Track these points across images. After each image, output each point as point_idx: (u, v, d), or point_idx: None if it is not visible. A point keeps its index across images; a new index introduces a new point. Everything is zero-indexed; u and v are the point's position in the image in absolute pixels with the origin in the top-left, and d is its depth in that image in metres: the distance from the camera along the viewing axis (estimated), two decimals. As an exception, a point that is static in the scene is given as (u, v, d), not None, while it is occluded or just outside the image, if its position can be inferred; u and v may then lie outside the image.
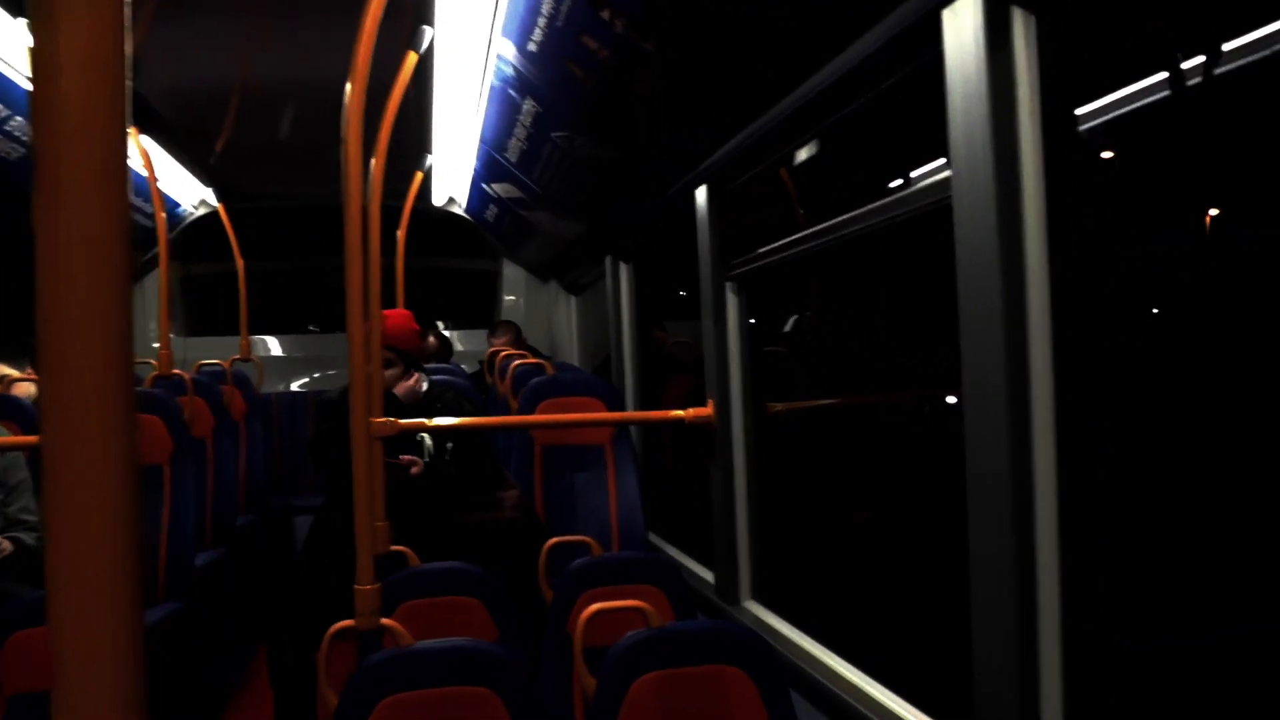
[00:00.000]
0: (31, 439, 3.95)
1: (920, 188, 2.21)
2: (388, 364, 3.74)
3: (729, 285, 3.50)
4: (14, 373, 4.81)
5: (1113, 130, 1.94)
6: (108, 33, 0.62)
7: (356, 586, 2.56)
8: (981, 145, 1.87)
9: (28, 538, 3.80)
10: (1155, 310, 2.11)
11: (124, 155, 0.63)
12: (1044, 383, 1.87)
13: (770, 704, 2.41)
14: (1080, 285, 1.89)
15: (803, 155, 3.03)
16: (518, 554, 3.68)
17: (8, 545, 3.62)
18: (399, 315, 3.95)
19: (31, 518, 3.90)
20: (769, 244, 3.22)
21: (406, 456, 3.62)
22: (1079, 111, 1.93)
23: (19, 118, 3.97)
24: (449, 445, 3.78)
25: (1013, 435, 1.86)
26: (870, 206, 2.46)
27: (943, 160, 2.05)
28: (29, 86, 0.61)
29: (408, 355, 3.83)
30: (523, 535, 3.77)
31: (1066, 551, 1.86)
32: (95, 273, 0.63)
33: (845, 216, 2.60)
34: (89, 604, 0.63)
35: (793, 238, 3.00)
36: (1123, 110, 1.99)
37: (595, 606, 2.49)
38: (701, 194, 3.55)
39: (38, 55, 0.61)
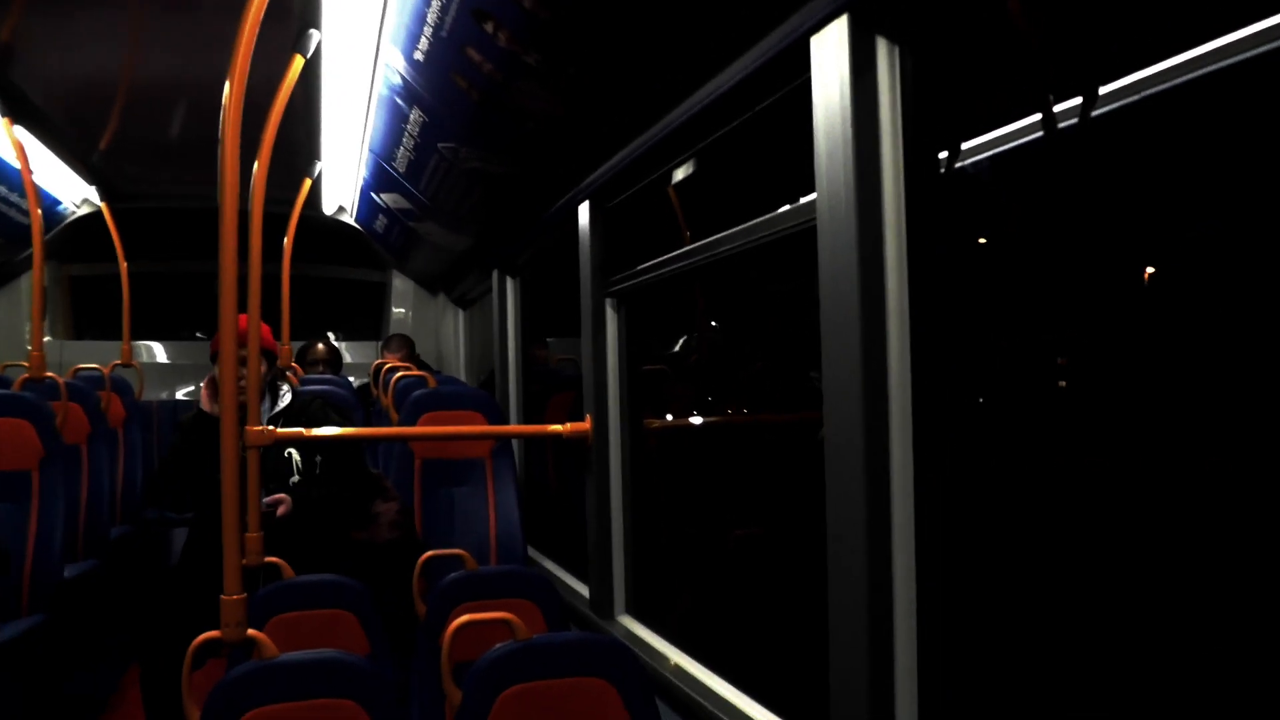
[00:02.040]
0: None
1: (787, 210, 2.27)
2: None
3: (609, 301, 3.54)
4: None
5: (993, 166, 2.02)
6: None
7: (223, 597, 2.52)
8: (843, 169, 1.94)
9: None
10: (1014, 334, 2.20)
11: None
12: (901, 399, 1.93)
13: (636, 715, 2.44)
14: (939, 306, 1.96)
15: (681, 175, 3.08)
16: (396, 569, 3.65)
17: None
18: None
19: None
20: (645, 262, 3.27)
21: (272, 498, 3.56)
22: (965, 146, 2.01)
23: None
24: (317, 459, 3.73)
25: (869, 446, 1.92)
26: (741, 227, 2.52)
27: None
28: None
29: (272, 356, 3.84)
30: (401, 551, 3.75)
31: (923, 562, 1.93)
32: None
33: (718, 236, 2.65)
34: None
35: (668, 255, 3.05)
36: (1000, 149, 2.07)
37: (463, 619, 2.49)
38: (584, 210, 3.59)
39: None
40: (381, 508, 3.83)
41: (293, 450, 3.69)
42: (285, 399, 3.85)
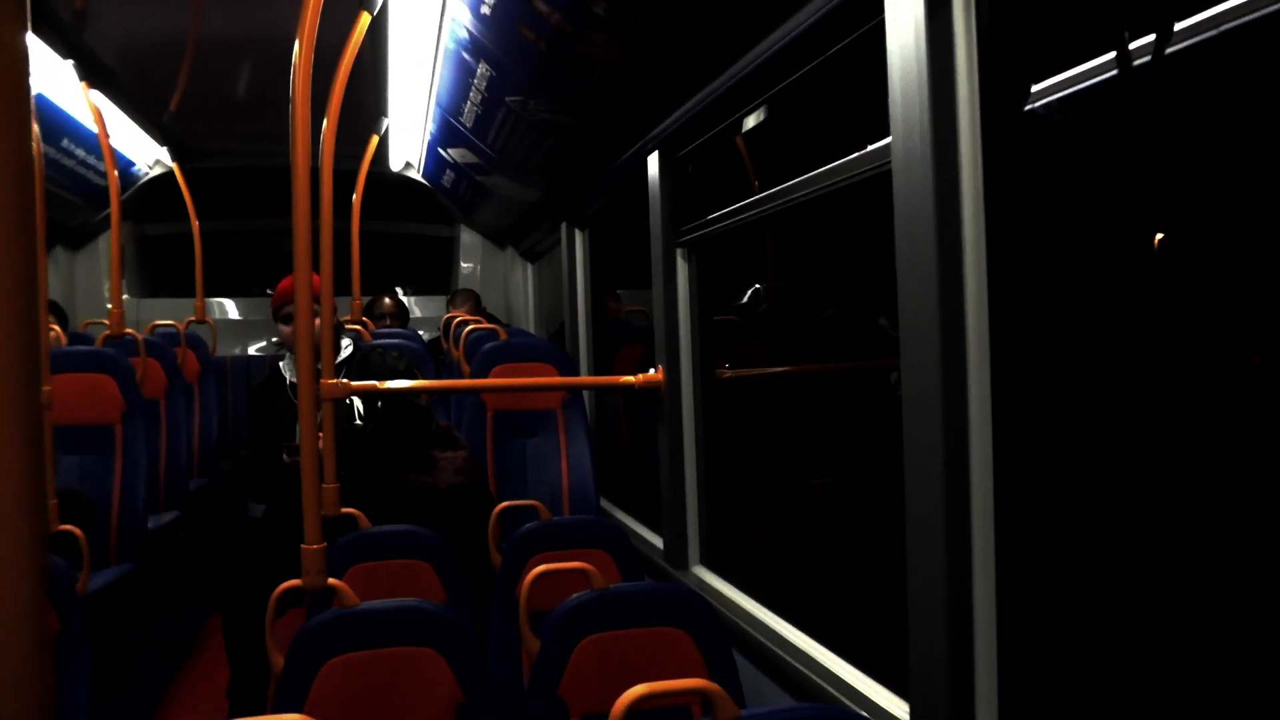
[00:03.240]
0: None
1: (862, 154, 2.23)
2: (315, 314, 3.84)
3: (679, 251, 3.52)
4: None
5: (1065, 108, 1.96)
6: None
7: (304, 546, 2.57)
8: (919, 110, 1.90)
9: None
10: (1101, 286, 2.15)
11: (25, 106, 0.63)
12: (979, 344, 1.90)
13: (713, 665, 2.45)
14: (1016, 250, 1.92)
15: (752, 122, 3.04)
16: (464, 517, 3.69)
17: None
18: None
19: None
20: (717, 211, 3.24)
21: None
22: (1035, 88, 1.95)
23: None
24: (379, 404, 3.79)
25: (946, 403, 1.89)
26: (816, 172, 2.48)
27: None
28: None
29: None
30: (468, 499, 3.78)
31: (1001, 511, 1.90)
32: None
33: (791, 182, 2.61)
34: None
35: (740, 204, 3.01)
36: (1073, 89, 2.02)
37: (540, 569, 2.51)
38: (653, 160, 3.56)
39: None
40: (447, 454, 3.86)
41: (354, 398, 3.73)
42: (346, 351, 3.91)
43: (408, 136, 6.03)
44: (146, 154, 6.53)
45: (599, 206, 4.90)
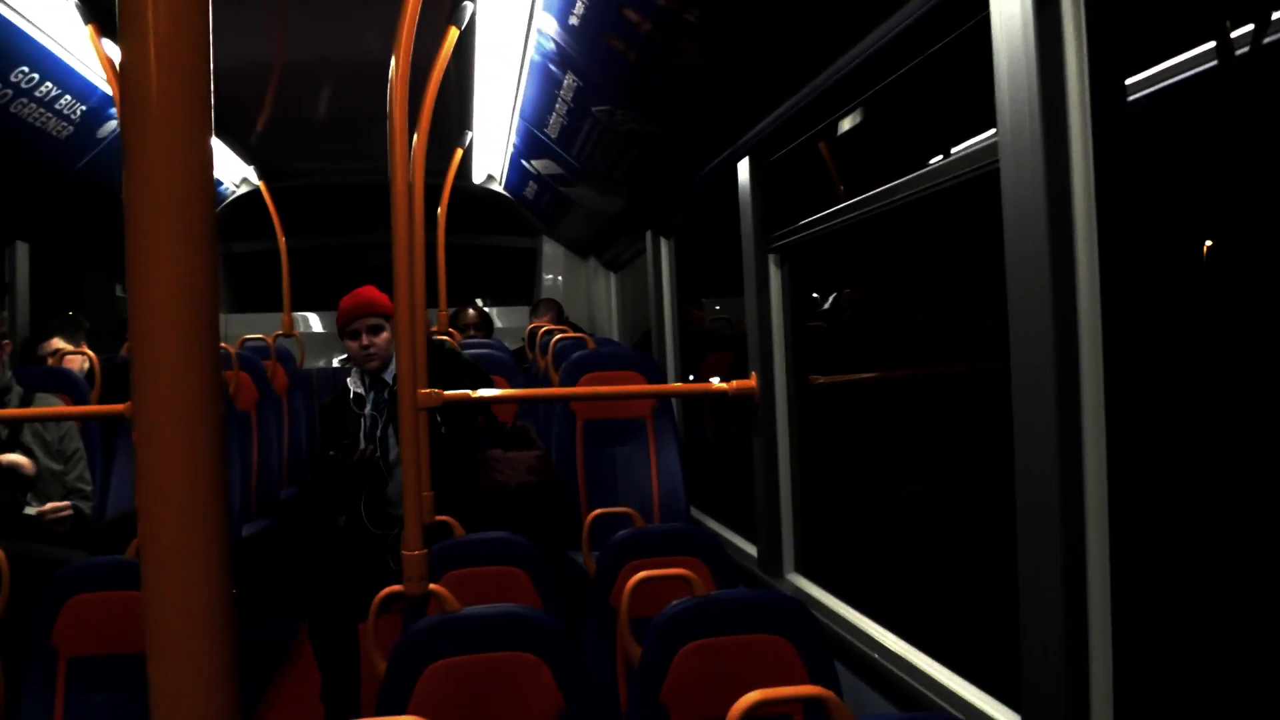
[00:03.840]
0: (85, 409, 4.03)
1: (967, 154, 2.20)
2: (378, 330, 3.92)
3: (772, 257, 3.50)
4: (67, 346, 4.90)
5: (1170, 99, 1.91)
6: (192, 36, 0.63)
7: (405, 552, 2.59)
8: (1028, 107, 1.86)
9: (84, 506, 3.89)
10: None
11: (207, 140, 0.64)
12: (1093, 354, 1.85)
13: (814, 673, 2.42)
14: (1132, 250, 1.87)
15: (847, 125, 3.01)
16: (536, 518, 3.69)
17: (70, 512, 3.71)
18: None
19: (86, 487, 4.00)
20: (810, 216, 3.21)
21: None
22: (1133, 80, 1.90)
23: (68, 95, 4.02)
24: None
25: (1060, 406, 1.85)
26: (917, 173, 2.44)
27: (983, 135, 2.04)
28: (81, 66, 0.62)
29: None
30: (539, 499, 3.79)
31: (1118, 534, 1.86)
32: (185, 251, 0.64)
33: (891, 184, 2.58)
34: (181, 563, 0.64)
35: (836, 208, 2.99)
36: (1175, 79, 1.97)
37: (641, 574, 2.51)
38: (744, 166, 3.55)
39: (127, 50, 0.62)
40: (519, 453, 3.87)
41: None
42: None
43: (491, 149, 6.10)
44: (233, 173, 6.69)
45: (684, 214, 4.90)
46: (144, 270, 0.60)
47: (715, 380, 3.71)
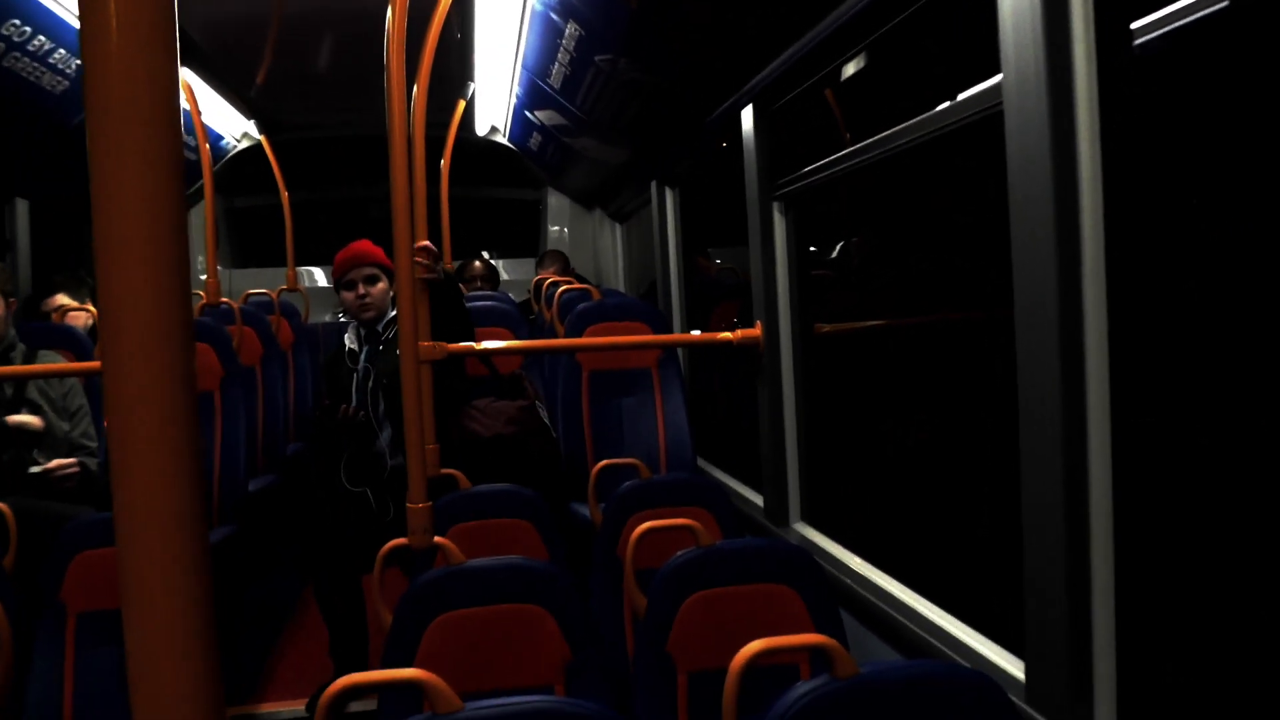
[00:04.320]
0: (88, 365, 4.03)
1: (971, 95, 2.16)
2: (374, 280, 3.93)
3: (776, 205, 3.46)
4: (71, 303, 4.89)
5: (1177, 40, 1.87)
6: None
7: (410, 505, 2.59)
8: (1032, 49, 1.83)
9: (90, 462, 3.90)
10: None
11: (175, 85, 0.62)
12: (1097, 293, 1.83)
13: (820, 622, 2.43)
14: (1136, 193, 1.85)
15: (851, 71, 2.97)
16: (513, 469, 3.66)
17: (77, 469, 3.72)
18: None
19: (91, 443, 4.01)
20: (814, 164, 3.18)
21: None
22: (1140, 23, 1.86)
23: (62, 49, 3.98)
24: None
25: (1064, 349, 1.83)
26: (920, 117, 2.41)
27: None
28: (74, 20, 0.60)
29: (388, 271, 3.99)
30: (516, 450, 3.76)
31: (1121, 481, 1.84)
32: (150, 202, 0.62)
33: (894, 129, 2.55)
34: (155, 525, 0.63)
35: (840, 154, 2.95)
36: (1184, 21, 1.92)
37: (646, 525, 2.50)
38: (747, 115, 3.50)
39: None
40: (501, 403, 3.84)
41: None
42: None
43: (494, 101, 6.04)
44: (234, 128, 6.64)
45: (689, 164, 4.85)
46: (111, 226, 0.59)
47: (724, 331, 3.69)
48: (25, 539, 3.20)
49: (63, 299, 4.91)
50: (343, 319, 7.47)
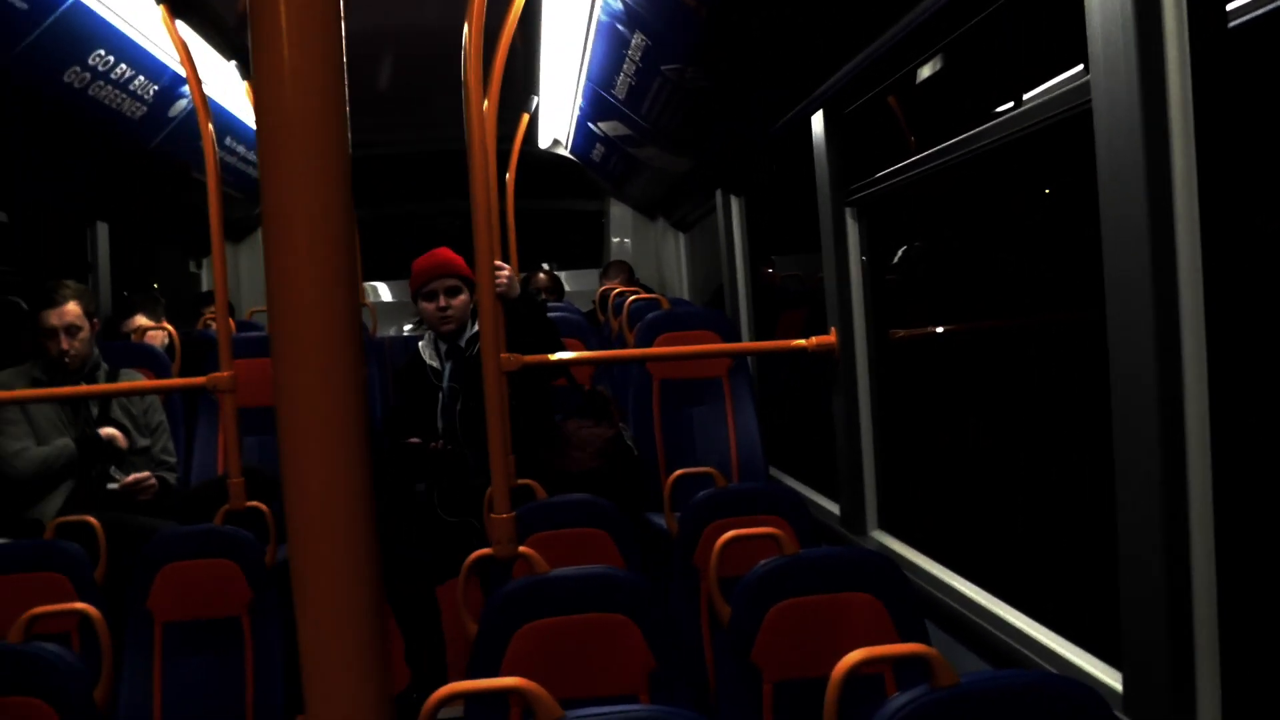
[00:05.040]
0: (168, 382, 4.12)
1: (1057, 94, 2.13)
2: (456, 292, 3.81)
3: (849, 211, 3.44)
4: (149, 322, 4.99)
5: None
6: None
7: (493, 516, 2.60)
8: (1123, 42, 1.79)
9: (169, 476, 3.98)
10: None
11: (342, 106, 0.63)
12: (1194, 295, 1.79)
13: (904, 630, 2.40)
14: (1234, 191, 1.80)
15: (926, 73, 2.94)
16: (613, 496, 3.65)
17: (154, 483, 3.80)
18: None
19: (171, 458, 4.09)
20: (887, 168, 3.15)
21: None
22: (1235, 4, 1.82)
23: (141, 76, 4.07)
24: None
25: (1160, 356, 1.79)
26: (1003, 118, 2.38)
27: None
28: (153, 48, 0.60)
29: (471, 283, 3.80)
30: (603, 485, 3.71)
31: (1222, 485, 1.80)
32: (320, 231, 0.63)
33: (975, 130, 2.52)
34: (326, 525, 0.63)
35: (916, 157, 2.92)
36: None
37: (730, 534, 2.49)
38: (818, 120, 3.48)
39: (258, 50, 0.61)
40: (590, 431, 3.82)
41: None
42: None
43: (557, 113, 6.07)
44: None
45: (755, 172, 4.84)
46: (282, 243, 0.59)
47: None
48: (113, 551, 3.27)
49: (142, 319, 5.01)
50: (409, 330, 7.55)
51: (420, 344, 3.98)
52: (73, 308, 3.84)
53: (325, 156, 0.58)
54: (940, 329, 3.84)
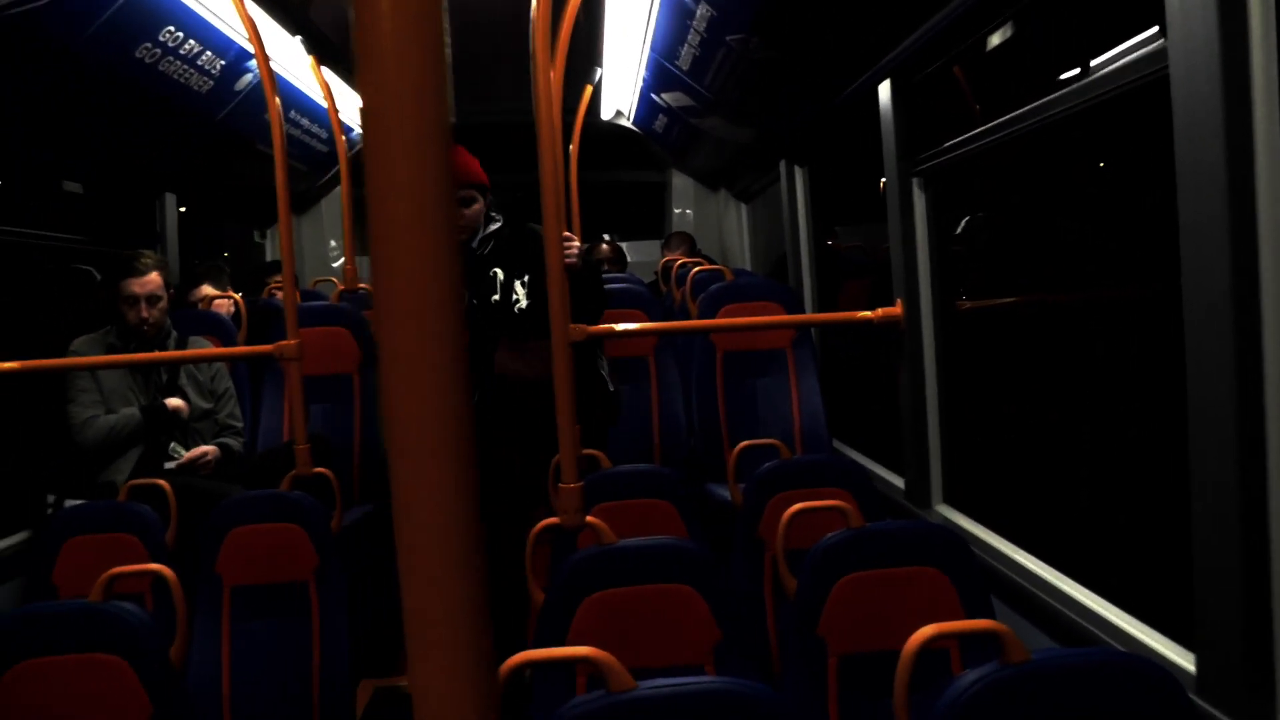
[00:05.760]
0: (236, 350, 4.19)
1: (1133, 59, 2.08)
2: (470, 202, 3.64)
3: (915, 181, 3.40)
4: (215, 291, 5.07)
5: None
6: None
7: (561, 485, 2.62)
8: (1204, 3, 1.74)
9: (234, 442, 4.06)
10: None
11: (444, 83, 0.64)
12: (1276, 270, 1.75)
13: (969, 605, 2.39)
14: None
15: (997, 40, 2.89)
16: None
17: (210, 450, 3.87)
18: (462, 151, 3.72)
19: (238, 424, 4.17)
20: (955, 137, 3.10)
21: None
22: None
23: (209, 52, 4.12)
24: (526, 279, 3.64)
25: (1238, 328, 1.75)
26: (1078, 84, 2.33)
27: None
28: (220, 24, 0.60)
29: (484, 189, 3.68)
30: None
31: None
32: (422, 193, 0.63)
33: (1047, 99, 2.47)
34: (430, 508, 0.64)
35: (986, 126, 2.88)
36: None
37: (798, 506, 2.49)
38: (884, 88, 3.44)
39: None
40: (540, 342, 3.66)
41: (498, 270, 3.67)
42: (495, 225, 3.72)
43: (619, 84, 6.05)
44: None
45: (819, 142, 4.80)
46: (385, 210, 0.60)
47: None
48: (183, 514, 3.35)
49: (208, 289, 5.10)
50: None
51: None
52: (155, 277, 3.94)
53: (428, 126, 0.59)
54: (1008, 300, 3.80)
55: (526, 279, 3.63)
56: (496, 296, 3.64)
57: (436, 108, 0.60)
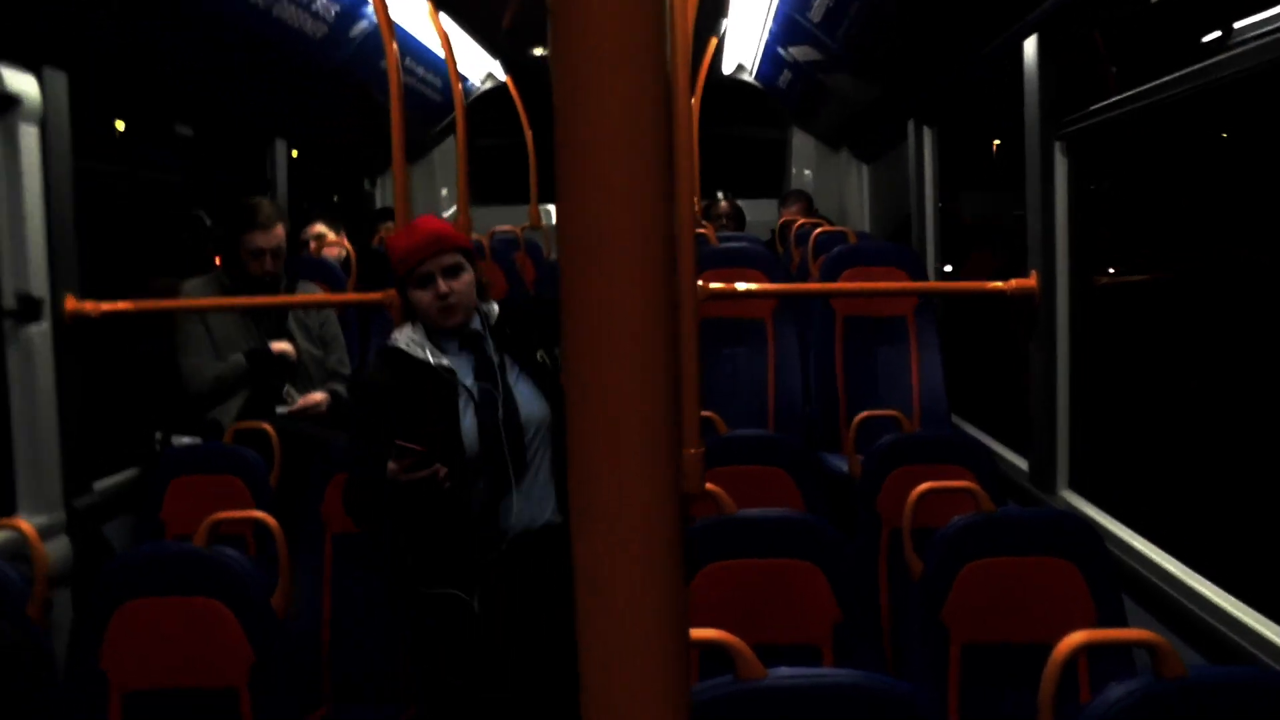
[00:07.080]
0: (347, 296, 4.20)
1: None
2: (457, 270, 2.60)
3: (1058, 146, 3.21)
4: (329, 232, 5.08)
5: None
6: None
7: (685, 450, 2.53)
8: None
9: (342, 389, 4.07)
10: None
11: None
12: None
13: (1100, 603, 2.26)
14: None
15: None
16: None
17: (321, 397, 3.88)
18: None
19: (346, 370, 4.17)
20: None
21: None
22: None
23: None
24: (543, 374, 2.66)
25: None
26: (1255, 44, 2.15)
27: None
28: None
29: (471, 255, 2.67)
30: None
31: None
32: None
33: (1215, 59, 2.29)
34: (619, 474, 0.59)
35: (1145, 87, 2.68)
36: None
37: (925, 486, 2.39)
38: (1030, 45, 3.24)
39: None
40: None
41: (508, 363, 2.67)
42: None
43: (743, 37, 5.92)
44: (479, 70, 6.76)
45: (952, 101, 4.60)
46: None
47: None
48: (287, 459, 3.36)
49: (321, 227, 5.11)
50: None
51: (397, 340, 2.64)
52: (279, 230, 3.95)
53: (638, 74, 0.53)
54: (1146, 276, 3.61)
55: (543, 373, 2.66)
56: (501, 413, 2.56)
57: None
